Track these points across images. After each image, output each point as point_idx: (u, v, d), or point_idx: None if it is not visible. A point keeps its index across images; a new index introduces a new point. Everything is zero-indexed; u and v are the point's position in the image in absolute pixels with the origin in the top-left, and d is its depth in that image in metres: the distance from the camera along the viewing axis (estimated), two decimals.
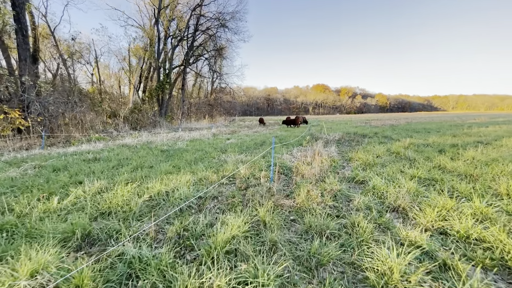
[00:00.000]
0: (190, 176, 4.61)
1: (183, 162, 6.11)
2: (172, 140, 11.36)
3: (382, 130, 13.94)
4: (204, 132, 15.92)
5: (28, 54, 15.63)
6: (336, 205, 3.34)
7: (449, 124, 19.74)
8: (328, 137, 11.17)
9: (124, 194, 3.55)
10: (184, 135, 13.58)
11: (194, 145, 9.30)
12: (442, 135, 10.91)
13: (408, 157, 6.12)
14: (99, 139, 12.14)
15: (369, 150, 7.27)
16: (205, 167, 5.51)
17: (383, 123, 22.91)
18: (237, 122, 33.94)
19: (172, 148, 8.56)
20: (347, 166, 5.87)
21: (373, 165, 5.48)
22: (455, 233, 2.50)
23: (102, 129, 14.41)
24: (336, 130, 14.67)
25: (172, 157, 6.89)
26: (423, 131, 13.24)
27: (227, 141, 10.73)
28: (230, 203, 3.45)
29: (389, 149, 7.49)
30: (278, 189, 4.12)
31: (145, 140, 11.55)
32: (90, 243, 2.46)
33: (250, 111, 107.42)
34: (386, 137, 10.89)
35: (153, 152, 7.65)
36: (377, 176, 4.41)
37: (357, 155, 6.60)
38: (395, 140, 9.71)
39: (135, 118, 17.32)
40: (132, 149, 8.59)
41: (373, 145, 8.25)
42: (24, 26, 14.90)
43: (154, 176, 4.79)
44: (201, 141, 10.73)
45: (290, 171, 5.32)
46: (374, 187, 3.81)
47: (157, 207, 3.33)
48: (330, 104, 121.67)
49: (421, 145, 8.24)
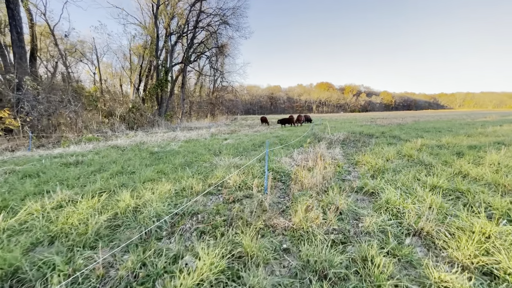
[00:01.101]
0: (171, 185, 4.00)
1: (170, 166, 5.51)
2: (167, 141, 10.79)
3: (389, 130, 13.16)
4: (203, 131, 15.33)
5: (23, 52, 15.21)
6: (342, 226, 2.69)
7: (459, 122, 18.81)
8: (332, 137, 10.47)
9: (84, 211, 2.95)
10: (181, 135, 13.01)
11: (188, 147, 8.70)
12: (456, 135, 10.12)
13: (422, 161, 5.41)
14: (91, 139, 11.64)
15: (378, 153, 6.57)
16: (192, 173, 4.89)
17: (389, 121, 22.03)
18: (238, 121, 33.32)
19: (164, 150, 7.97)
20: (354, 171, 5.19)
21: (383, 171, 4.80)
22: (506, 275, 1.83)
23: (97, 129, 13.92)
24: (341, 130, 13.93)
25: (160, 160, 6.30)
26: (433, 131, 12.43)
27: (224, 141, 10.11)
28: (211, 222, 2.82)
29: (400, 151, 6.77)
30: (272, 202, 3.48)
31: (139, 140, 11.00)
32: (11, 287, 1.85)
33: (253, 109, 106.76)
34: (395, 137, 10.14)
35: (141, 155, 7.07)
36: (389, 186, 3.74)
37: (364, 158, 5.91)
38: (405, 141, 8.97)
39: (132, 118, 16.80)
40: (121, 151, 8.03)
41: (381, 147, 7.54)
42: (19, 23, 14.45)
43: (132, 185, 4.19)
44: (197, 142, 10.13)
45: (288, 178, 4.67)
46: (388, 201, 3.14)
47: (121, 228, 2.73)
48: (334, 102, 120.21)
49: (435, 146, 7.50)
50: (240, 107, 59.45)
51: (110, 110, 16.02)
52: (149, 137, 12.48)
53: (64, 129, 12.32)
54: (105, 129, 14.41)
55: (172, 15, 23.69)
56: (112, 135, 13.73)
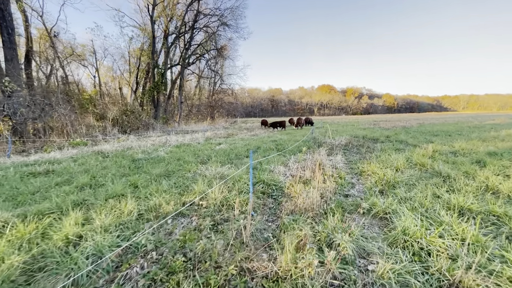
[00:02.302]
0: (137, 204, 3.29)
1: (146, 178, 4.80)
2: (156, 146, 10.11)
3: (395, 133, 12.39)
4: (198, 135, 14.65)
5: (14, 54, 14.72)
6: (345, 273, 1.95)
7: (467, 125, 17.95)
8: (333, 142, 9.73)
9: (4, 244, 2.24)
10: (173, 139, 12.32)
11: (176, 153, 8.00)
12: (468, 139, 9.33)
13: (439, 172, 4.65)
14: (79, 144, 11.00)
15: (385, 161, 5.82)
16: (168, 187, 4.18)
17: (393, 124, 21.22)
18: (238, 124, 32.67)
19: (148, 156, 7.28)
20: (358, 183, 4.45)
21: (394, 185, 4.05)
22: None
23: (87, 133, 13.31)
24: (343, 133, 13.18)
25: (139, 169, 5.60)
26: (442, 134, 11.63)
27: (217, 146, 9.40)
28: (169, 263, 2.09)
29: (410, 158, 6.01)
30: (256, 229, 2.75)
31: (128, 145, 10.34)
32: None
33: (254, 112, 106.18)
34: (401, 141, 9.37)
35: (121, 163, 6.37)
36: (404, 207, 2.99)
37: (370, 167, 5.16)
38: (413, 146, 8.20)
39: (126, 121, 16.19)
40: (102, 158, 7.35)
41: (388, 153, 6.78)
42: (10, 24, 13.96)
43: (92, 203, 3.49)
44: (188, 147, 9.43)
45: (280, 193, 3.94)
46: (406, 232, 2.40)
47: (44, 273, 2.01)
48: (336, 105, 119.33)
49: (448, 153, 6.73)
50: (240, 109, 58.75)
51: (103, 113, 15.42)
52: (140, 141, 11.83)
53: (51, 134, 11.72)
54: (95, 133, 13.80)
55: (171, 16, 23.21)
56: (102, 139, 13.10)
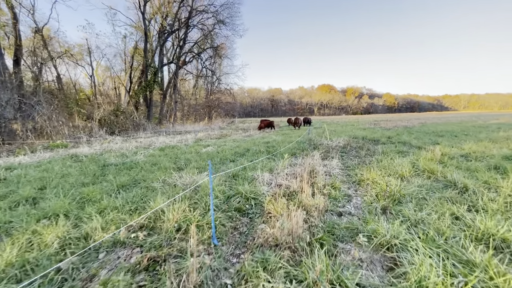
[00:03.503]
0: (65, 229, 2.54)
1: (107, 188, 4.06)
2: (140, 148, 9.38)
3: (396, 134, 11.63)
4: (190, 136, 13.93)
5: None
6: None
7: (472, 125, 17.19)
8: (330, 144, 8.99)
9: None
10: (161, 141, 11.59)
11: (155, 156, 7.26)
12: (477, 140, 8.57)
13: (453, 181, 3.90)
14: (58, 146, 10.27)
15: (387, 166, 5.07)
16: (124, 201, 3.43)
17: (394, 124, 20.47)
18: (236, 124, 31.97)
19: (123, 161, 6.53)
20: (355, 196, 3.70)
21: (399, 199, 3.31)
22: None
23: (70, 134, 12.57)
24: (341, 134, 12.42)
25: (103, 178, 4.85)
26: (447, 135, 10.87)
27: (204, 149, 8.66)
28: None
29: (415, 163, 5.26)
30: (216, 269, 2.00)
31: (110, 147, 9.62)
32: None
33: (254, 112, 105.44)
34: (404, 143, 8.62)
35: (88, 169, 5.62)
36: (415, 236, 2.24)
37: (370, 175, 4.41)
38: (418, 148, 7.45)
39: (114, 121, 15.45)
40: (73, 162, 6.60)
41: (391, 157, 6.03)
42: None
43: (18, 226, 2.76)
44: (172, 149, 8.69)
45: (259, 209, 3.20)
46: (421, 284, 1.65)
47: None
48: (336, 104, 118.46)
49: (459, 156, 5.97)
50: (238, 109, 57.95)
51: (89, 113, 14.69)
52: (125, 143, 11.10)
53: (29, 135, 10.99)
54: (80, 134, 13.07)
55: (166, 14, 22.49)
56: (86, 141, 12.38)
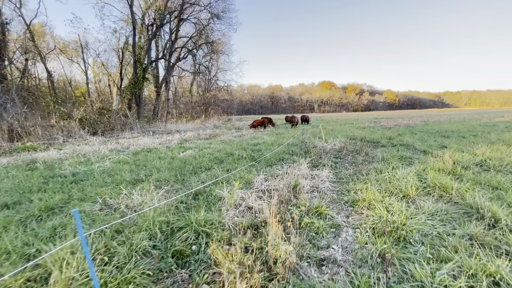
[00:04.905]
0: None
1: (28, 212, 3.15)
2: (113, 151, 8.47)
3: (398, 134, 10.67)
4: (177, 136, 13.00)
5: None
6: None
7: (478, 123, 16.20)
8: (325, 146, 8.05)
9: None
10: (142, 142, 10.66)
11: (123, 163, 6.34)
12: (488, 142, 7.62)
13: (476, 208, 2.96)
14: (26, 149, 9.37)
15: (388, 180, 4.14)
16: (30, 237, 2.51)
17: (395, 122, 19.50)
18: (232, 122, 30.99)
19: (78, 170, 5.59)
20: (346, 228, 2.78)
21: (405, 238, 2.38)
22: None
23: (45, 135, 11.64)
24: (339, 133, 11.47)
25: (40, 193, 3.93)
26: (453, 135, 9.91)
27: (183, 152, 7.73)
28: None
29: (422, 175, 4.33)
30: None
31: (82, 150, 8.71)
32: None
33: (254, 109, 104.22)
34: (407, 146, 7.67)
35: (31, 181, 4.70)
36: None
37: (366, 193, 3.49)
38: (424, 153, 6.51)
39: (97, 120, 14.51)
40: (24, 170, 5.68)
41: (392, 165, 5.10)
42: None
43: None
44: (148, 154, 7.77)
45: (207, 257, 2.28)
46: None
47: None
48: (337, 101, 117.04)
49: (473, 164, 5.03)
50: (237, 107, 56.79)
51: (69, 112, 13.73)
52: (103, 145, 10.17)
53: None
54: (57, 135, 12.16)
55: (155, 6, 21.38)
56: (63, 142, 11.47)
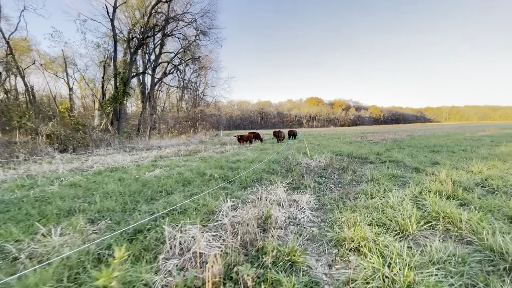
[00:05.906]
0: None
1: None
2: (76, 171, 7.45)
3: (386, 149, 10.23)
4: (154, 153, 12.05)
5: None
6: None
7: (463, 138, 16.22)
8: (309, 163, 7.39)
9: None
10: (112, 160, 9.65)
11: (77, 185, 5.38)
12: (481, 158, 7.21)
13: (497, 249, 2.29)
14: None
15: (380, 208, 3.45)
16: None
17: (382, 137, 19.35)
18: (220, 137, 30.23)
19: (12, 196, 4.61)
20: (327, 286, 2.01)
21: None
22: None
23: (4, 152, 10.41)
24: (325, 149, 10.93)
25: None
26: (443, 150, 9.56)
27: (149, 173, 6.81)
28: None
29: (419, 200, 3.68)
30: None
31: (37, 170, 7.62)
32: None
33: (243, 124, 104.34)
34: (397, 162, 7.13)
35: None
36: None
37: (355, 230, 2.75)
38: (416, 171, 5.95)
39: (69, 136, 13.37)
40: None
41: (383, 187, 4.45)
42: None
43: None
44: (110, 174, 6.81)
45: None
46: None
47: None
48: (324, 116, 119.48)
49: (474, 185, 4.46)
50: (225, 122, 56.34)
51: (36, 127, 12.58)
52: (67, 163, 9.11)
53: None
54: (18, 152, 10.93)
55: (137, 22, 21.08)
56: (24, 160, 10.25)
